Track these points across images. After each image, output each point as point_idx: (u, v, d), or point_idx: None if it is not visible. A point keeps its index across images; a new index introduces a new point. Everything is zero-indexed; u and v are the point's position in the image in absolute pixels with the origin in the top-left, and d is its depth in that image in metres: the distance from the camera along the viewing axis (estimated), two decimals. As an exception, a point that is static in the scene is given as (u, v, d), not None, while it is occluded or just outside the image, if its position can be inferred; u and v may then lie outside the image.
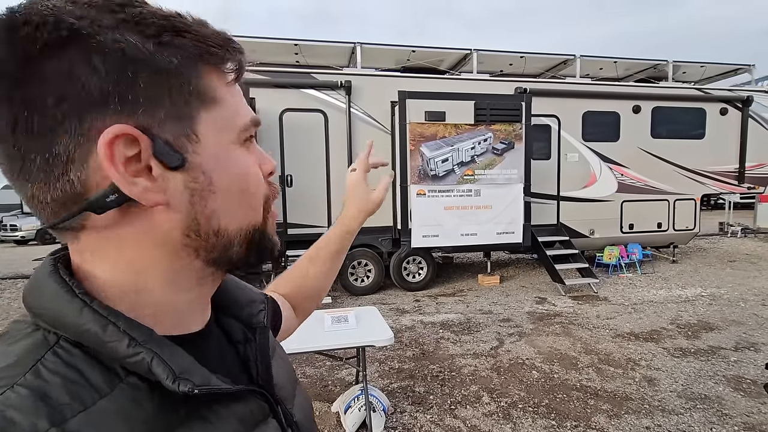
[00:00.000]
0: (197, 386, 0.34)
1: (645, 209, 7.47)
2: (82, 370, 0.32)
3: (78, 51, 0.30)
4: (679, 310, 5.23)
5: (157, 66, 0.33)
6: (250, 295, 0.52)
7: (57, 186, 0.32)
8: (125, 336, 0.33)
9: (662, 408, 2.93)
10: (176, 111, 0.34)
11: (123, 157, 0.32)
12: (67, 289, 0.34)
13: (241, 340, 0.47)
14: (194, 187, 0.36)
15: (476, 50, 7.37)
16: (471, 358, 3.83)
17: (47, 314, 0.34)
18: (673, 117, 7.55)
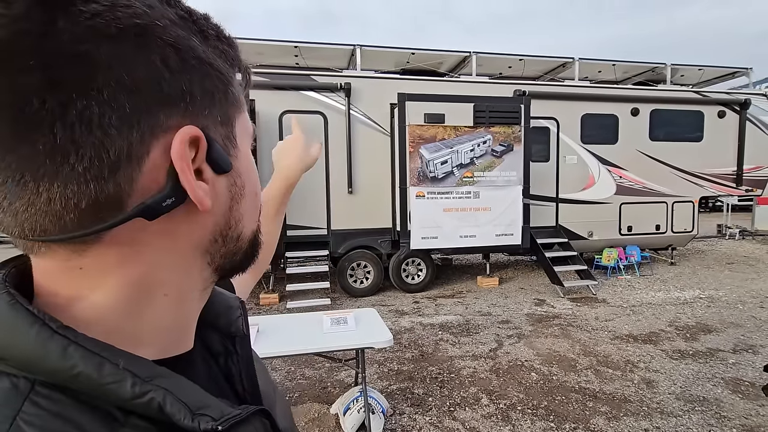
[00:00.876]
0: (217, 421, 0.31)
1: (643, 211, 7.49)
2: (74, 419, 0.27)
3: (152, 42, 0.28)
4: (678, 312, 5.24)
5: (218, 70, 0.33)
6: (226, 300, 0.47)
7: (98, 187, 0.27)
8: (127, 374, 0.28)
9: (661, 410, 2.94)
10: (223, 114, 0.34)
11: (188, 159, 0.30)
12: (41, 324, 0.27)
13: (222, 352, 0.43)
14: (234, 191, 0.36)
15: (475, 53, 7.40)
16: (470, 360, 3.83)
17: (17, 358, 0.27)
18: (671, 120, 7.58)
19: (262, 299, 5.97)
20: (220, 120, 0.33)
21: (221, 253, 0.36)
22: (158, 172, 0.29)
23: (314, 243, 6.31)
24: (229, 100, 0.35)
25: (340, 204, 6.37)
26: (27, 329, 0.27)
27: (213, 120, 0.32)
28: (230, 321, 0.45)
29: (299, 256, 6.29)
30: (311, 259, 6.64)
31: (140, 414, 0.29)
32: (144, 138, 0.28)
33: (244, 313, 0.47)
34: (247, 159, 0.38)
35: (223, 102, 0.34)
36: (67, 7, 0.25)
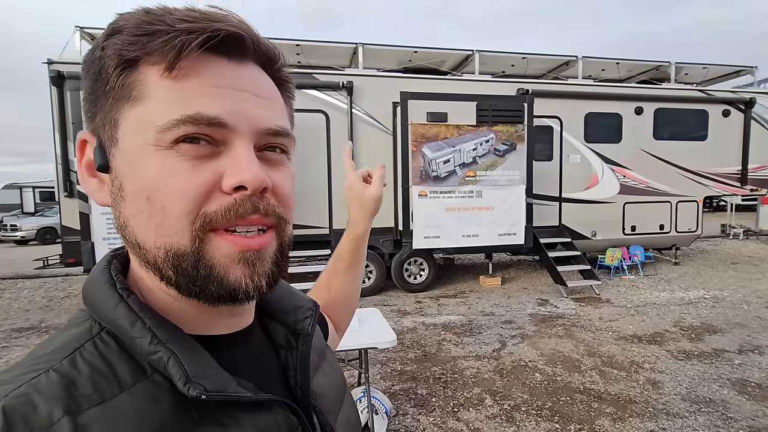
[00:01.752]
0: (208, 392, 0.33)
1: (647, 211, 7.45)
2: (112, 362, 0.33)
3: (84, 70, 0.37)
4: (682, 312, 5.20)
5: (89, 71, 0.35)
6: (297, 300, 0.50)
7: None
8: (149, 333, 0.34)
9: (667, 411, 2.91)
10: (106, 113, 0.35)
11: (87, 159, 0.38)
12: (111, 284, 0.36)
13: (284, 346, 0.46)
14: (113, 191, 0.36)
15: (478, 51, 7.36)
16: (473, 360, 3.80)
17: (94, 306, 0.36)
18: (675, 118, 7.53)
19: (264, 298, 5.94)
20: (104, 121, 0.36)
21: (139, 259, 0.36)
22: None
23: (316, 242, 6.29)
24: (110, 97, 0.35)
25: (341, 203, 6.34)
26: (103, 285, 0.36)
27: (100, 122, 0.36)
28: (297, 319, 0.48)
29: (301, 256, 6.27)
30: (313, 258, 6.62)
31: (161, 372, 0.33)
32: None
33: (315, 315, 0.50)
34: (132, 158, 0.34)
35: (105, 102, 0.35)
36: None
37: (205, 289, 0.34)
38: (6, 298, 6.67)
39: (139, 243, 0.35)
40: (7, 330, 5.01)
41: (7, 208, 16.43)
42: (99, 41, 0.35)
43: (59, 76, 5.32)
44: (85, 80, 0.36)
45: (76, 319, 0.37)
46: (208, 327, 0.39)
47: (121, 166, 0.34)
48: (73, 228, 5.36)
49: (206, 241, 0.34)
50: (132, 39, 0.33)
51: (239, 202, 0.34)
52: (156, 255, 0.34)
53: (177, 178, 0.33)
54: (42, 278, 8.00)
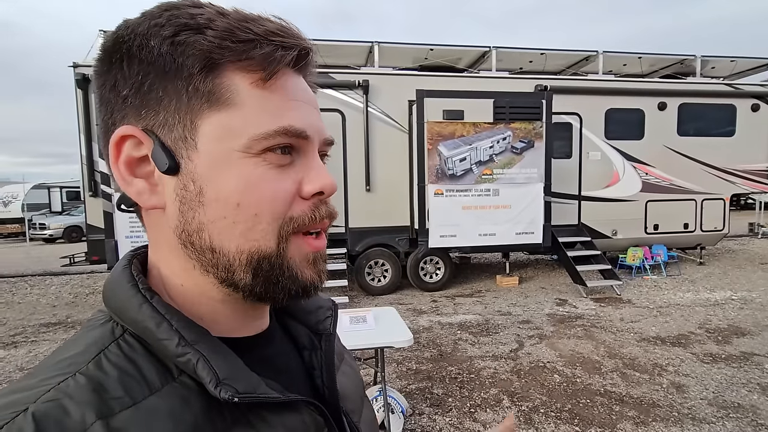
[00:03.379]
0: (239, 394, 0.33)
1: (671, 209, 7.23)
2: (139, 364, 0.33)
3: (119, 59, 0.34)
4: (708, 313, 5.04)
5: (162, 67, 0.33)
6: (317, 300, 0.50)
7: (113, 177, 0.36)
8: (176, 335, 0.33)
9: (692, 416, 2.82)
10: (180, 113, 0.34)
11: (127, 158, 0.35)
12: (133, 284, 0.35)
13: (308, 347, 0.46)
14: (183, 194, 0.35)
15: (495, 47, 7.25)
16: (490, 360, 3.76)
17: (116, 307, 0.35)
18: (701, 114, 7.28)
19: (281, 296, 6.01)
20: (174, 119, 0.34)
21: (205, 263, 0.36)
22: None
23: (332, 241, 6.30)
24: (186, 96, 0.33)
25: (357, 202, 6.36)
26: (125, 286, 0.35)
27: (163, 119, 0.34)
28: (319, 319, 0.48)
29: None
30: (329, 257, 6.64)
31: (190, 374, 0.33)
32: (106, 133, 0.36)
33: (335, 315, 0.50)
34: (219, 164, 0.34)
35: (178, 99, 0.34)
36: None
37: (284, 289, 0.36)
38: (35, 294, 6.92)
39: (213, 248, 0.35)
40: (36, 325, 5.19)
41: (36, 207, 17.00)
42: (160, 32, 0.33)
43: (84, 78, 5.49)
44: (137, 71, 0.33)
45: (97, 321, 0.36)
46: (235, 329, 0.39)
47: (203, 171, 0.34)
48: (98, 226, 5.52)
49: (289, 244, 0.36)
50: (225, 44, 0.32)
51: (318, 207, 0.38)
52: (234, 259, 0.35)
53: (269, 186, 0.35)
54: (68, 275, 8.27)
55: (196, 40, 0.32)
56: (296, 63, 0.36)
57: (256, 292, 0.36)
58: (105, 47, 0.34)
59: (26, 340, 4.63)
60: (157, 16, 0.33)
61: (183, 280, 0.37)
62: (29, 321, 5.36)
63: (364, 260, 6.35)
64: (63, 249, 12.22)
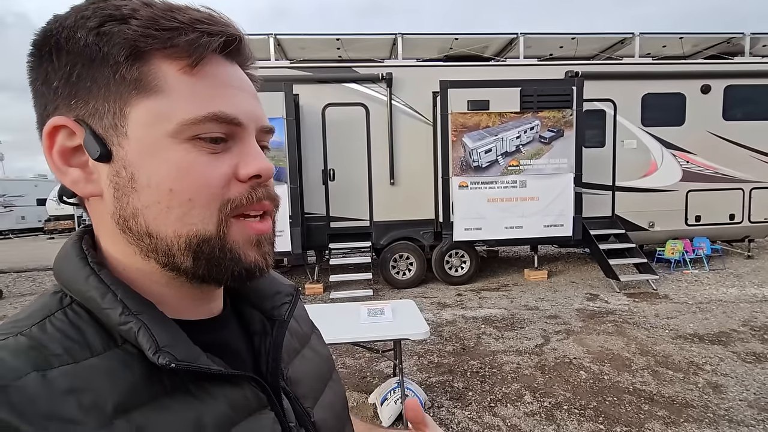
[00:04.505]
0: (177, 361, 0.34)
1: (715, 199, 6.78)
2: (83, 330, 0.34)
3: (48, 52, 0.35)
4: (754, 310, 4.72)
5: (88, 56, 0.34)
6: (277, 286, 0.50)
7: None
8: (119, 304, 0.34)
9: (729, 418, 2.66)
10: (107, 101, 0.34)
11: (61, 147, 0.35)
12: (81, 257, 0.37)
13: (259, 332, 0.46)
14: (116, 181, 0.35)
15: (523, 34, 7.02)
16: (514, 355, 3.70)
17: (64, 279, 0.37)
18: (750, 96, 6.76)
19: (308, 289, 6.14)
20: (103, 107, 0.35)
21: (144, 248, 0.37)
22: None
23: (357, 234, 6.38)
24: (114, 84, 0.34)
25: (382, 195, 6.38)
26: (74, 259, 0.37)
27: (93, 108, 0.35)
28: (274, 305, 0.48)
29: (343, 248, 6.39)
30: (355, 250, 6.73)
31: (132, 343, 0.34)
32: (42, 125, 0.36)
33: (294, 302, 0.50)
34: (149, 149, 0.35)
35: (106, 88, 0.34)
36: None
37: (225, 271, 0.37)
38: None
39: (150, 233, 0.35)
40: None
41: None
42: (85, 25, 0.33)
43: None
44: (66, 62, 0.34)
45: (47, 293, 0.37)
46: (182, 311, 0.40)
47: (133, 157, 0.34)
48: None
49: (229, 227, 0.37)
50: (149, 32, 0.33)
51: (255, 189, 0.38)
52: (172, 244, 0.36)
53: (202, 170, 0.35)
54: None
55: (120, 29, 0.33)
56: (224, 49, 0.36)
57: (199, 274, 0.37)
58: (35, 42, 0.35)
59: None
60: (83, 9, 0.34)
61: (125, 265, 0.38)
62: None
63: (389, 253, 6.37)
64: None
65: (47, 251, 12.66)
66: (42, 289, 7.16)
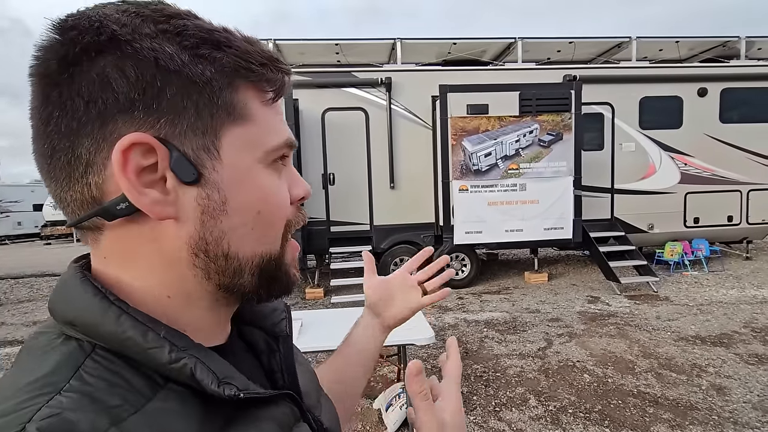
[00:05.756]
0: (240, 390, 0.34)
1: (713, 201, 6.83)
2: (124, 375, 0.31)
3: (113, 56, 0.31)
4: (754, 312, 4.74)
5: (188, 77, 0.32)
6: (272, 303, 0.50)
7: (76, 187, 0.33)
8: (166, 342, 0.32)
9: (734, 420, 2.67)
10: (201, 124, 0.34)
11: (137, 166, 0.32)
12: (102, 297, 0.33)
13: (265, 351, 0.46)
14: (206, 204, 0.34)
15: (521, 38, 7.07)
16: (517, 359, 3.70)
17: (81, 323, 0.32)
18: (746, 99, 6.83)
19: (308, 294, 6.12)
20: (194, 129, 0.33)
21: (213, 270, 0.36)
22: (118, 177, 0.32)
23: (357, 238, 6.38)
24: (210, 109, 0.34)
25: (382, 199, 6.38)
26: (91, 299, 0.33)
27: (180, 129, 0.33)
28: (275, 322, 0.48)
29: (343, 252, 6.38)
30: (355, 254, 6.72)
31: (176, 380, 0.33)
32: (101, 146, 0.32)
33: (289, 316, 0.50)
34: (241, 174, 0.36)
35: (202, 111, 0.34)
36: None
37: (282, 287, 0.41)
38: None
39: (228, 254, 0.36)
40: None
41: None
42: (177, 40, 0.32)
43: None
44: (153, 75, 0.31)
45: (49, 341, 0.33)
46: (211, 337, 0.40)
47: (227, 181, 0.35)
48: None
49: (286, 246, 0.40)
50: (248, 65, 0.35)
51: (300, 210, 0.42)
52: (246, 263, 0.37)
53: (279, 193, 0.39)
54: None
55: (220, 56, 0.34)
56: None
57: (257, 292, 0.39)
58: (83, 36, 0.31)
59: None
60: (159, 20, 0.33)
61: (172, 291, 0.36)
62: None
63: (390, 257, 6.37)
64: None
65: (44, 257, 12.59)
66: (40, 296, 7.12)
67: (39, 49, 0.32)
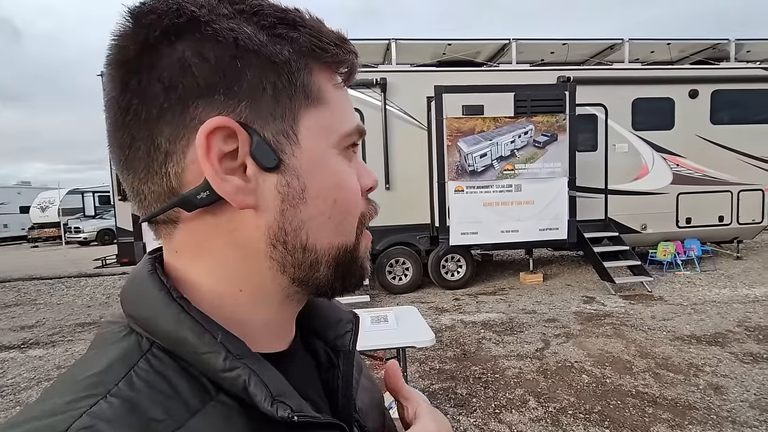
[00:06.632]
0: (294, 412, 0.31)
1: (704, 202, 6.91)
2: (173, 382, 0.30)
3: (192, 38, 0.30)
4: (747, 311, 4.79)
5: (267, 57, 0.31)
6: (338, 312, 0.46)
7: (155, 178, 0.32)
8: (222, 348, 0.30)
9: (732, 419, 2.68)
10: (280, 107, 0.32)
11: (219, 152, 0.31)
12: (165, 292, 0.32)
13: (325, 364, 0.43)
14: (286, 192, 0.33)
15: (515, 39, 7.10)
16: (515, 360, 3.69)
17: (142, 317, 0.32)
18: (736, 100, 6.92)
19: (304, 295, 6.07)
20: (274, 112, 0.32)
21: (290, 263, 0.34)
22: (199, 164, 0.30)
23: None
24: (288, 91, 0.32)
25: (377, 200, 6.27)
26: (156, 294, 0.32)
27: (260, 113, 0.31)
28: (338, 334, 0.44)
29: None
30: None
31: (227, 391, 0.30)
32: (182, 132, 0.30)
33: (355, 330, 0.46)
34: (319, 160, 0.34)
35: (281, 92, 0.32)
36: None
37: (356, 278, 0.38)
38: (71, 295, 7.23)
39: (306, 246, 0.34)
40: (72, 325, 5.42)
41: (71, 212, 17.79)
42: (256, 20, 0.31)
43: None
44: (233, 56, 0.30)
45: (114, 333, 0.32)
46: (273, 342, 0.38)
47: (306, 167, 0.33)
48: (127, 229, 5.72)
49: (361, 238, 0.38)
50: (322, 45, 0.33)
51: (371, 201, 0.40)
52: (323, 255, 0.35)
53: (353, 181, 0.37)
54: (101, 276, 8.60)
55: (296, 36, 0.32)
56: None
57: (332, 285, 0.37)
58: (162, 18, 0.30)
59: (63, 339, 4.84)
60: (235, 0, 0.31)
61: (244, 286, 0.34)
62: (66, 321, 5.60)
63: (385, 259, 6.34)
64: (97, 252, 12.74)
65: (31, 260, 12.35)
66: (27, 300, 6.97)
67: (116, 37, 0.31)
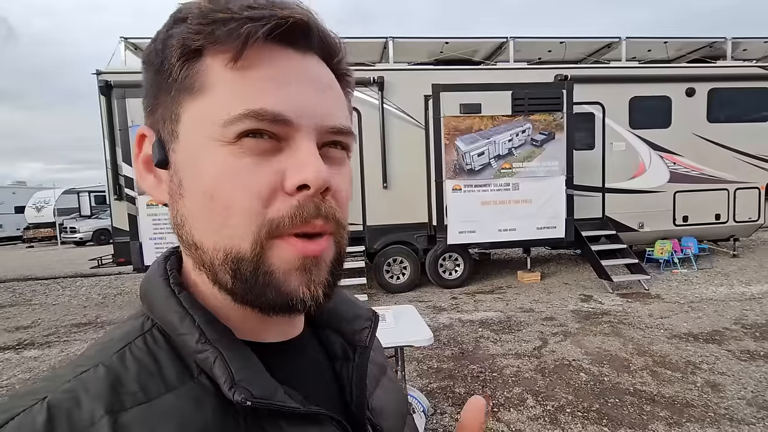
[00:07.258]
0: (253, 398, 0.31)
1: (701, 200, 6.92)
2: (160, 360, 0.32)
3: (147, 60, 0.35)
4: (744, 308, 4.80)
5: (156, 64, 0.33)
6: (356, 309, 0.46)
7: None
8: (197, 330, 0.32)
9: (730, 417, 2.68)
10: (168, 106, 0.33)
11: (144, 155, 0.36)
12: (165, 278, 0.36)
13: (340, 357, 0.43)
14: (171, 187, 0.34)
15: (512, 38, 7.09)
16: (513, 359, 3.68)
17: (148, 300, 0.36)
18: (732, 99, 6.94)
19: (301, 295, 6.05)
20: (163, 114, 0.34)
21: (194, 259, 0.35)
22: None
23: (350, 239, 6.28)
24: (172, 90, 0.32)
25: (375, 199, 6.33)
26: (158, 280, 0.36)
27: (160, 116, 0.34)
28: (355, 330, 0.44)
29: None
30: (347, 255, 6.65)
31: (208, 374, 0.32)
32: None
33: (374, 326, 0.46)
34: (192, 153, 0.32)
35: (166, 94, 0.33)
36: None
37: (261, 297, 0.32)
38: (66, 295, 7.18)
39: (196, 243, 0.33)
40: (68, 325, 5.38)
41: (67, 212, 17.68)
42: (161, 32, 0.33)
43: (107, 85, 5.62)
44: (146, 73, 0.35)
45: (134, 315, 0.37)
46: (259, 334, 0.37)
47: (182, 162, 0.33)
48: (123, 229, 5.66)
49: (267, 249, 0.32)
50: (196, 28, 0.31)
51: (302, 205, 0.32)
52: (214, 257, 0.32)
53: (241, 175, 0.31)
54: (97, 276, 8.55)
55: (177, 31, 0.32)
56: (272, 35, 0.30)
57: (243, 298, 0.33)
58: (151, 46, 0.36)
59: (59, 339, 4.81)
60: (169, 19, 0.34)
61: (198, 279, 0.36)
62: (62, 321, 5.56)
63: (383, 258, 6.32)
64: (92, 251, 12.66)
65: (27, 261, 12.28)
66: (23, 300, 6.93)
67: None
